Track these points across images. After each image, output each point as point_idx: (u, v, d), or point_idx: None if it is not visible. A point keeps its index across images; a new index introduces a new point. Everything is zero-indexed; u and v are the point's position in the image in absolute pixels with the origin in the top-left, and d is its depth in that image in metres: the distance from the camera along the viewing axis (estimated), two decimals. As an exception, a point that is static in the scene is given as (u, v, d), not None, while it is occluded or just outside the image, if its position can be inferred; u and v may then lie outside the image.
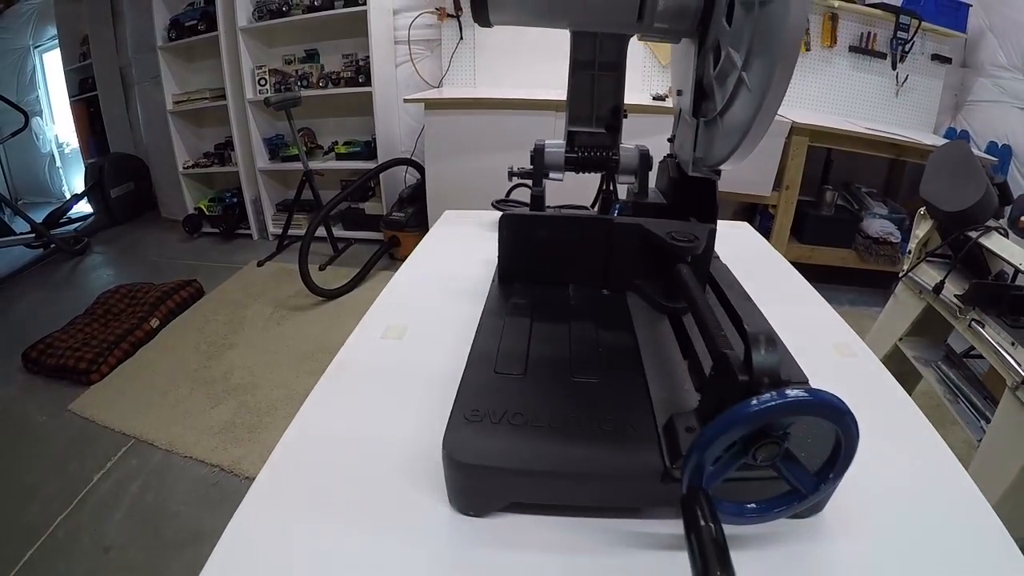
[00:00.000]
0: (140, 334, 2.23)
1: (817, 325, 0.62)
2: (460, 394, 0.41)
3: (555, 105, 2.33)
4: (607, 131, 0.64)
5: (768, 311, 0.51)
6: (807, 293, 0.69)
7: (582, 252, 0.56)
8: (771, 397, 0.27)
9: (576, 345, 0.48)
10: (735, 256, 0.64)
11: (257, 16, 2.94)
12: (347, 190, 2.79)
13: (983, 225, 1.51)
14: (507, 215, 0.57)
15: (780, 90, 0.37)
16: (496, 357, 0.46)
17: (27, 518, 1.47)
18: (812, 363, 0.43)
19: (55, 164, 4.65)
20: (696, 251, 0.47)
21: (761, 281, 0.61)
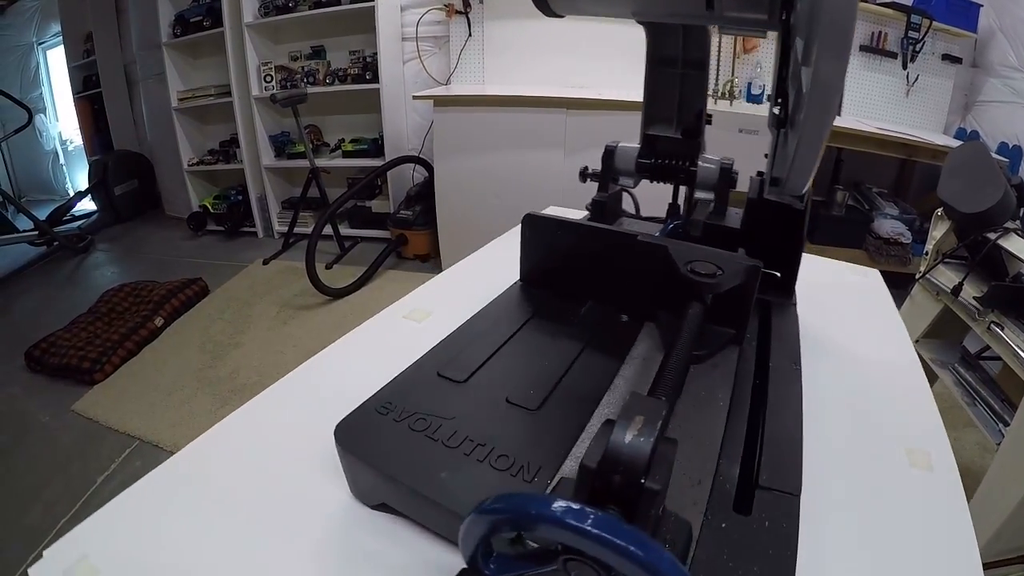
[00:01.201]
0: (144, 333, 2.21)
1: (901, 416, 0.48)
2: (389, 384, 0.41)
3: (566, 102, 2.31)
4: (685, 137, 0.56)
5: (843, 387, 0.47)
6: (908, 373, 0.54)
7: (603, 268, 0.52)
8: (556, 505, 0.20)
9: (539, 368, 0.44)
10: (841, 307, 0.59)
11: (263, 12, 2.92)
12: (354, 188, 2.77)
13: (1001, 227, 1.49)
14: (531, 215, 0.55)
15: (826, 86, 0.33)
16: (451, 358, 0.45)
17: (29, 520, 1.45)
18: (863, 470, 0.39)
19: (59, 161, 4.63)
20: (718, 289, 0.42)
21: (854, 347, 0.55)
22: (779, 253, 0.56)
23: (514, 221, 2.33)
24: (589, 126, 2.33)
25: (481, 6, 2.68)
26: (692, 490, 0.35)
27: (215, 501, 0.38)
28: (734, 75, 2.54)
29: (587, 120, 2.32)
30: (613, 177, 0.59)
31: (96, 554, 0.34)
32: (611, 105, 2.30)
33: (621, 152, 0.58)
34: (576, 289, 0.55)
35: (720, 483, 0.36)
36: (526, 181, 2.45)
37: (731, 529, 0.33)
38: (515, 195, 2.48)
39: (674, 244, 0.47)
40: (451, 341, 0.48)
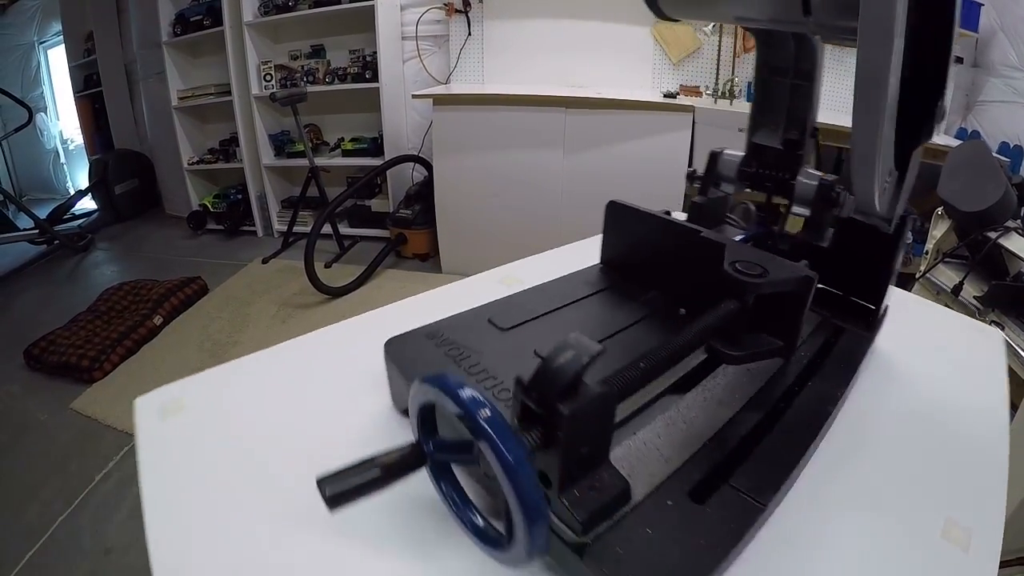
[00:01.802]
0: (143, 331, 2.21)
1: (959, 480, 0.44)
2: (447, 319, 0.49)
3: (565, 101, 2.30)
4: (786, 148, 0.54)
5: (905, 433, 0.46)
6: (988, 441, 0.49)
7: (668, 260, 0.53)
8: (462, 387, 0.27)
9: (573, 335, 0.48)
10: (943, 359, 0.57)
11: (263, 11, 2.92)
12: (353, 187, 2.77)
13: (1002, 225, 1.49)
14: (613, 202, 0.59)
15: (870, 77, 0.33)
16: (505, 311, 0.50)
17: (27, 518, 1.45)
18: (885, 519, 0.38)
19: (59, 160, 4.64)
20: (758, 289, 0.41)
21: (940, 400, 0.52)
22: (865, 280, 0.53)
23: (513, 220, 2.40)
24: (588, 125, 2.33)
25: (481, 5, 2.68)
26: (656, 464, 0.37)
27: (288, 389, 0.50)
28: (734, 74, 2.53)
29: (586, 119, 2.32)
30: (715, 182, 0.58)
31: (189, 397, 0.49)
32: (610, 104, 2.30)
33: (725, 158, 0.57)
34: (645, 277, 0.58)
35: (689, 469, 0.37)
36: (525, 180, 2.44)
37: (675, 509, 0.34)
38: (514, 194, 2.47)
39: (733, 244, 0.47)
40: (515, 298, 0.55)
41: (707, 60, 2.59)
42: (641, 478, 0.36)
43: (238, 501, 0.38)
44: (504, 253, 2.83)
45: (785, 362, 0.47)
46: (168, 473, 0.41)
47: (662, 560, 0.31)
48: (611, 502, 0.31)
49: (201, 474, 0.41)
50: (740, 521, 0.33)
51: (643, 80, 2.68)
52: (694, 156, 2.31)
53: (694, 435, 0.40)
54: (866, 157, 0.36)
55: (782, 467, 0.38)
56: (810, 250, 0.52)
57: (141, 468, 0.42)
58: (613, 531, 0.32)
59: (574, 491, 0.31)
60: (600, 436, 0.32)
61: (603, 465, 0.32)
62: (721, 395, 0.44)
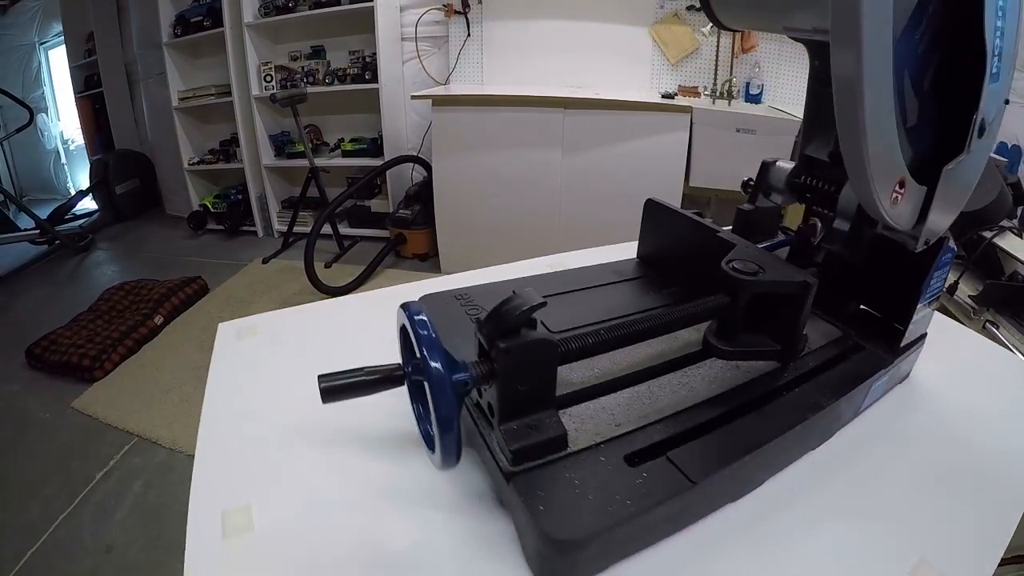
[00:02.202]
0: (144, 331, 2.22)
1: (941, 524, 0.41)
2: (480, 286, 0.58)
3: (563, 102, 2.31)
4: (832, 161, 0.53)
5: (907, 459, 0.45)
6: (995, 483, 0.45)
7: (690, 257, 0.55)
8: (419, 313, 0.34)
9: (587, 315, 0.52)
10: (981, 400, 0.54)
11: (263, 12, 2.93)
12: (353, 187, 2.78)
13: (997, 225, 1.50)
14: (651, 200, 0.62)
15: (843, 81, 0.32)
16: (534, 285, 0.56)
17: (28, 516, 1.46)
18: (859, 565, 0.37)
19: (60, 160, 4.65)
20: (750, 288, 0.43)
21: (964, 436, 0.50)
22: (895, 302, 0.51)
23: (512, 220, 2.42)
24: (586, 125, 2.34)
25: (480, 6, 2.69)
26: (605, 426, 0.40)
27: (342, 332, 0.61)
28: (732, 74, 2.54)
29: (584, 119, 2.33)
30: (765, 192, 0.58)
31: (262, 326, 0.63)
32: (608, 105, 2.31)
33: (776, 169, 0.57)
34: (672, 272, 0.61)
35: (635, 436, 0.39)
36: (524, 180, 2.45)
37: (606, 465, 0.37)
38: (513, 194, 2.48)
39: (743, 244, 0.49)
40: (545, 276, 0.61)
41: (705, 61, 2.60)
42: (586, 434, 0.39)
43: (276, 410, 0.49)
44: (503, 253, 2.83)
45: (782, 367, 0.48)
46: (229, 382, 0.54)
47: (575, 503, 0.34)
48: (546, 443, 0.36)
49: (253, 386, 0.53)
50: (664, 491, 0.35)
51: (641, 81, 2.69)
52: (691, 157, 2.32)
53: (653, 410, 0.42)
54: (854, 163, 0.36)
55: (727, 455, 0.39)
56: (844, 265, 0.51)
57: (210, 378, 0.54)
58: (542, 469, 0.36)
59: (513, 425, 0.36)
60: (540, 380, 0.36)
61: (547, 412, 0.37)
62: (698, 383, 0.46)
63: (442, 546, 0.37)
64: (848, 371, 0.49)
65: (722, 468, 0.38)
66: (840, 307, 0.55)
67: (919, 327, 0.53)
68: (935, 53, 0.38)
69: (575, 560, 0.33)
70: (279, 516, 0.39)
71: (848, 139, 0.35)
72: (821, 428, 0.46)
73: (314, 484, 0.42)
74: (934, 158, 0.40)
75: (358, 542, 0.38)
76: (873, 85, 0.33)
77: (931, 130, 0.39)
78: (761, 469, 0.43)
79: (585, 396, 0.43)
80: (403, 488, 0.41)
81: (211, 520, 0.39)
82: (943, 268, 0.49)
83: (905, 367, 0.55)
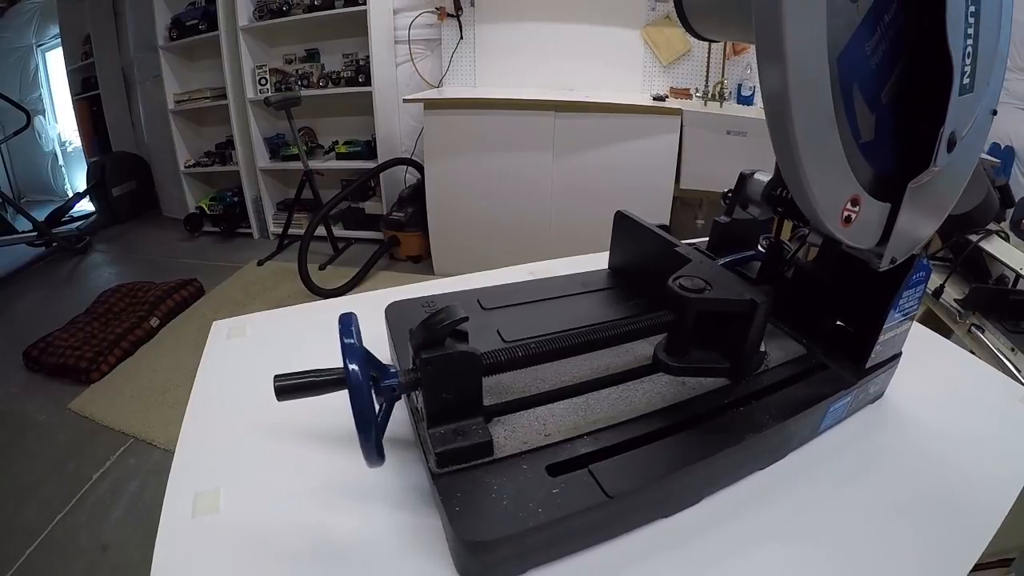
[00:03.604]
0: (140, 333, 2.24)
1: (892, 552, 0.40)
2: (445, 294, 0.59)
3: (554, 105, 2.33)
4: None
5: (885, 482, 0.44)
6: (967, 511, 0.44)
7: (655, 271, 0.53)
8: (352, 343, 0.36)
9: (544, 325, 0.53)
10: (956, 422, 0.52)
11: (258, 15, 2.94)
12: (346, 189, 2.79)
13: (983, 229, 1.51)
14: (621, 212, 0.63)
15: (774, 101, 0.31)
16: (499, 295, 0.59)
17: (25, 517, 1.48)
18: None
19: (58, 163, 4.66)
20: (693, 305, 0.42)
21: (933, 464, 0.48)
22: (863, 320, 0.49)
23: (504, 222, 2.45)
24: (577, 128, 2.35)
25: (472, 9, 2.70)
26: (534, 435, 0.41)
27: (325, 333, 0.52)
28: (724, 76, 2.55)
29: (575, 122, 2.35)
30: (743, 204, 0.57)
31: (251, 327, 0.68)
32: (599, 108, 2.33)
33: (753, 181, 0.54)
34: (638, 284, 0.61)
35: (561, 447, 0.40)
36: (515, 183, 2.47)
37: (526, 473, 0.38)
38: (504, 197, 2.50)
39: (699, 259, 0.49)
40: (511, 285, 0.62)
41: (697, 63, 2.61)
42: (515, 443, 0.40)
43: (254, 406, 0.52)
44: (495, 255, 2.84)
45: (732, 384, 0.47)
46: (217, 376, 0.58)
47: (489, 508, 0.35)
48: (470, 448, 0.38)
49: (236, 382, 0.57)
50: (578, 502, 0.36)
51: (633, 83, 2.70)
52: (682, 159, 2.34)
53: (587, 422, 0.43)
54: (792, 179, 0.34)
55: (651, 471, 0.39)
56: (815, 281, 0.51)
57: (199, 372, 0.59)
58: (465, 473, 0.38)
59: (440, 430, 0.38)
60: (465, 389, 0.38)
61: (474, 419, 0.39)
62: (638, 397, 0.46)
63: (382, 538, 0.40)
64: (804, 391, 0.47)
65: (644, 484, 0.39)
66: (813, 323, 0.53)
67: (891, 346, 0.51)
68: (896, 64, 0.36)
69: (486, 561, 0.35)
70: (243, 501, 0.44)
71: (783, 156, 0.34)
72: (767, 448, 0.45)
73: (278, 475, 0.46)
74: (899, 174, 0.38)
75: (309, 529, 0.41)
76: (804, 100, 0.31)
77: (894, 145, 0.38)
78: (695, 487, 0.42)
79: (520, 405, 0.44)
80: (357, 483, 0.44)
81: (184, 500, 0.44)
82: (915, 287, 0.47)
83: (875, 387, 0.53)
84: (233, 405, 0.54)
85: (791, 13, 0.29)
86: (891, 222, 0.39)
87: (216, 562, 0.39)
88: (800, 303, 0.53)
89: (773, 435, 0.44)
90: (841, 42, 0.32)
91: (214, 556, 0.39)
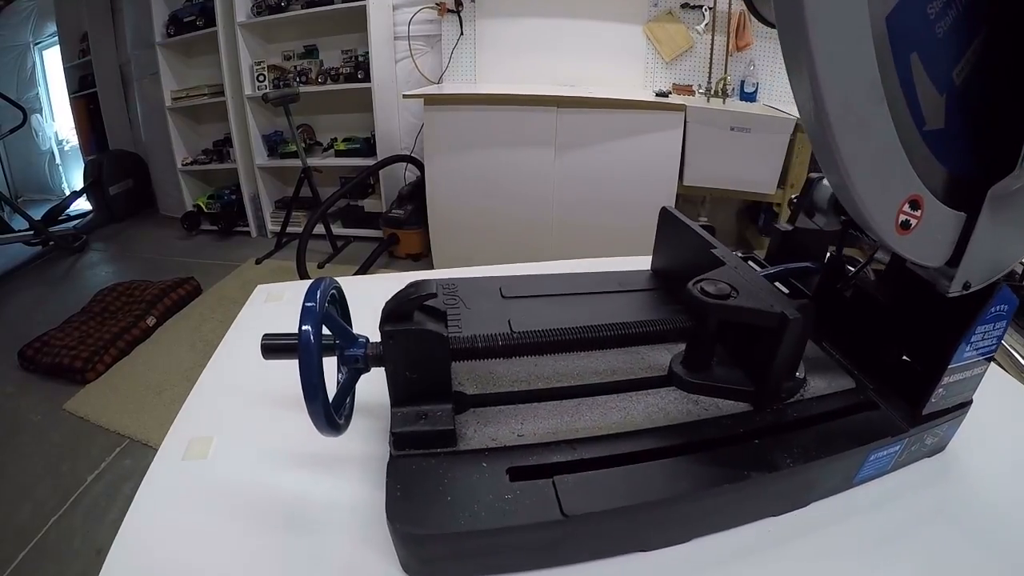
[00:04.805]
0: (136, 332, 2.22)
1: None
2: (467, 279, 0.57)
3: (556, 100, 2.30)
4: None
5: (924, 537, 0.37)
6: None
7: (692, 273, 0.48)
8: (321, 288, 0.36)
9: (556, 320, 0.50)
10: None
11: (256, 11, 2.92)
12: (345, 187, 2.77)
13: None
14: (665, 208, 0.59)
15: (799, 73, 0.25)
16: (524, 285, 0.56)
17: (19, 519, 1.46)
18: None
19: (55, 161, 4.63)
20: (718, 314, 0.37)
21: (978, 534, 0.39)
22: (928, 353, 0.41)
23: (505, 220, 2.43)
24: (579, 124, 2.33)
25: (473, 4, 2.68)
26: (506, 434, 0.38)
27: (363, 312, 0.53)
28: (727, 72, 2.53)
29: (577, 118, 2.32)
30: (808, 211, 0.51)
31: (289, 293, 0.71)
32: (601, 103, 2.30)
33: (822, 186, 0.47)
34: (677, 288, 0.56)
35: (532, 451, 0.37)
36: (516, 180, 2.45)
37: (484, 472, 0.35)
38: (505, 193, 2.47)
39: (734, 263, 0.43)
40: (538, 277, 0.59)
41: (700, 59, 2.59)
42: (483, 437, 0.38)
43: (266, 367, 0.47)
44: (495, 253, 2.80)
45: (755, 411, 0.41)
46: (245, 335, 0.60)
47: (431, 500, 0.33)
48: (430, 434, 0.36)
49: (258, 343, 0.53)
50: (528, 515, 0.32)
51: (636, 79, 2.68)
52: (685, 155, 2.31)
53: (568, 429, 0.39)
54: (824, 157, 0.28)
55: (625, 497, 0.34)
56: (872, 302, 0.43)
57: (231, 331, 0.64)
58: (421, 459, 0.36)
59: (404, 410, 0.36)
60: (432, 371, 0.36)
61: (442, 405, 0.37)
62: (638, 411, 0.40)
63: (351, 509, 0.39)
64: (841, 432, 0.40)
65: (611, 508, 0.33)
66: (872, 353, 0.46)
67: (958, 391, 0.42)
68: (973, 36, 0.28)
69: (419, 555, 0.33)
70: (231, 453, 0.46)
71: (813, 134, 0.27)
72: (781, 492, 0.39)
73: (271, 435, 0.48)
74: (979, 176, 0.30)
75: (283, 491, 0.42)
76: (837, 60, 0.25)
77: (972, 138, 0.31)
78: (681, 522, 0.37)
79: (502, 399, 0.40)
80: (346, 453, 0.44)
81: (180, 442, 0.47)
82: (994, 322, 0.38)
83: (934, 438, 0.44)
84: (251, 364, 0.52)
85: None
86: (966, 237, 0.31)
87: (188, 504, 0.41)
88: (857, 328, 0.46)
89: (789, 478, 0.37)
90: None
91: (188, 499, 0.42)
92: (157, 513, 0.41)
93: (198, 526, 0.39)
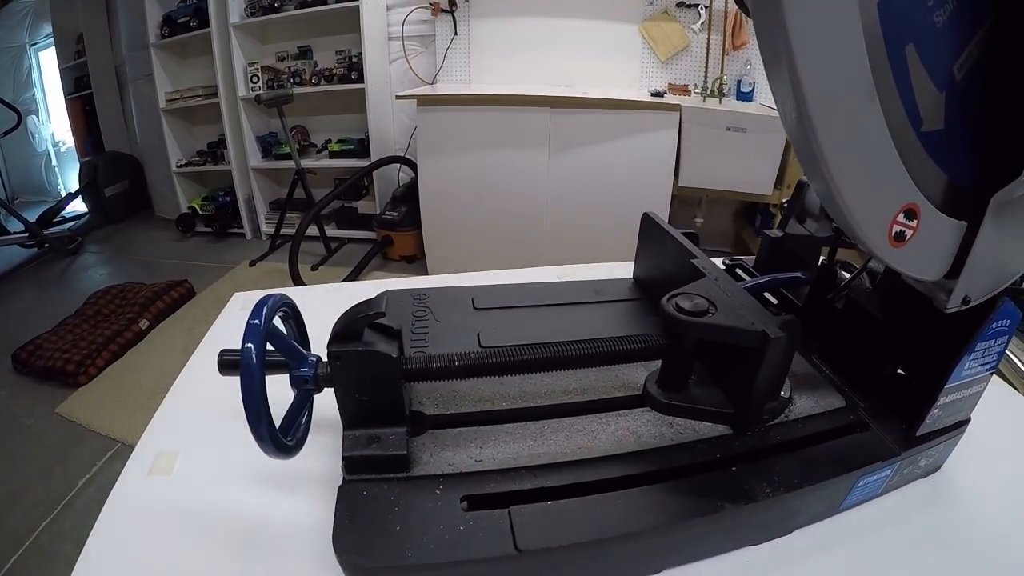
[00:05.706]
0: (129, 335, 2.21)
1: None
2: (441, 288, 0.57)
3: (550, 101, 2.29)
4: None
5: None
6: None
7: (672, 284, 0.46)
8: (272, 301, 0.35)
9: (526, 333, 0.48)
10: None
11: (249, 12, 2.91)
12: (338, 188, 2.76)
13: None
14: (648, 215, 0.56)
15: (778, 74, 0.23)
16: (495, 295, 0.55)
17: (10, 524, 1.46)
18: None
19: (51, 163, 4.63)
20: (692, 332, 0.35)
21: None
22: (925, 369, 0.39)
23: (499, 221, 2.42)
24: (573, 125, 2.32)
25: (467, 4, 2.66)
26: (463, 457, 0.36)
27: (324, 318, 0.53)
28: (723, 72, 2.52)
29: (571, 119, 2.31)
30: (799, 216, 0.49)
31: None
32: (595, 103, 2.29)
33: (814, 191, 0.45)
34: (658, 291, 0.55)
35: (488, 479, 0.35)
36: (510, 181, 2.44)
37: (437, 500, 0.34)
38: (499, 195, 2.47)
39: (714, 275, 0.41)
40: (512, 287, 0.58)
41: (696, 58, 2.58)
42: (439, 462, 0.36)
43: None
44: (490, 254, 2.79)
45: (735, 435, 0.39)
46: (220, 345, 0.55)
47: (379, 529, 0.32)
48: (381, 459, 0.34)
49: None
50: (480, 548, 0.30)
51: (631, 79, 2.67)
52: (681, 156, 2.30)
53: (531, 454, 0.36)
54: (807, 160, 0.25)
55: (584, 529, 0.32)
56: (865, 315, 0.41)
57: (206, 338, 0.63)
58: (373, 484, 0.34)
59: (356, 433, 0.35)
60: (383, 393, 0.34)
61: (395, 428, 0.35)
62: (607, 434, 0.38)
63: (307, 529, 0.39)
64: (828, 456, 0.38)
65: (569, 543, 0.31)
66: (866, 368, 0.43)
67: (954, 411, 0.40)
68: (977, 26, 0.26)
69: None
70: (196, 469, 0.46)
71: (794, 133, 0.24)
72: (759, 523, 0.37)
73: (238, 449, 0.46)
74: (981, 182, 0.28)
75: (244, 508, 0.42)
76: (817, 46, 0.22)
77: (974, 140, 0.28)
78: (650, 555, 0.34)
79: (462, 420, 0.38)
80: (302, 471, 0.43)
81: (148, 457, 0.47)
82: (995, 338, 0.36)
83: (928, 459, 0.42)
84: (221, 376, 0.53)
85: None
86: (966, 248, 0.29)
87: (150, 524, 0.41)
88: (849, 342, 0.44)
89: (768, 508, 0.35)
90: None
91: (150, 519, 0.41)
92: (119, 533, 0.40)
93: (159, 548, 0.39)
